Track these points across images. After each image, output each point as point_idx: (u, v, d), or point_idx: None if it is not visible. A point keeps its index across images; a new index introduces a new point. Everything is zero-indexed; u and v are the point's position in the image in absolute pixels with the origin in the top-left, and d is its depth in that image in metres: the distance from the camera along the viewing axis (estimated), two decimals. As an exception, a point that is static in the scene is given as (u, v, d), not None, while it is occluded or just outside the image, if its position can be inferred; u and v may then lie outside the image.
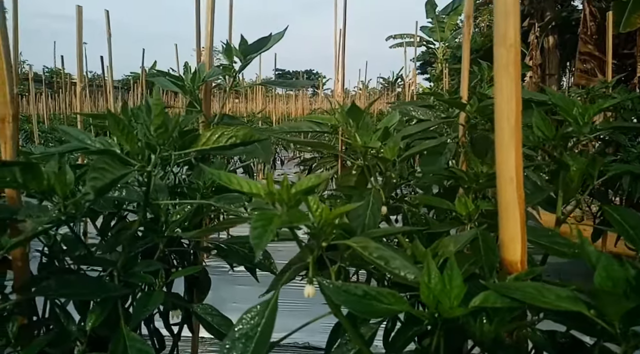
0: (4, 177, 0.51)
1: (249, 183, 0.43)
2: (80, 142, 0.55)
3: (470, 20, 0.93)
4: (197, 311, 0.65)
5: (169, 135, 0.53)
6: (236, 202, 0.60)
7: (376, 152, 0.60)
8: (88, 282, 0.55)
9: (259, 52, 0.94)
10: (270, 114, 6.24)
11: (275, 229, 0.37)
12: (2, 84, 0.54)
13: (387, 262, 0.41)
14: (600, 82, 2.07)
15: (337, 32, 2.50)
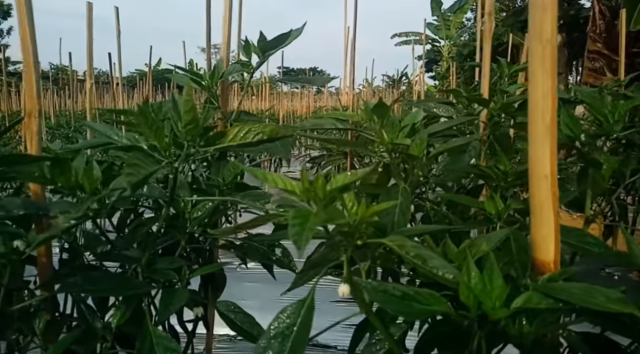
0: (32, 173, 0.50)
1: (283, 180, 0.42)
2: (107, 138, 0.55)
3: (491, 17, 0.92)
4: (220, 308, 0.65)
5: (198, 131, 0.52)
6: (261, 200, 0.60)
7: (403, 150, 0.59)
8: (114, 279, 0.54)
9: (277, 49, 0.93)
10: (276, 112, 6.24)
11: (314, 226, 0.36)
12: (30, 80, 0.54)
13: (425, 261, 0.41)
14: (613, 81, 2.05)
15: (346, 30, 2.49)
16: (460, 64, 7.04)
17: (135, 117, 0.50)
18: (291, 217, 0.38)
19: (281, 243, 0.85)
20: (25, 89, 0.55)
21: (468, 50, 8.77)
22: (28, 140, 0.57)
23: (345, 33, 2.55)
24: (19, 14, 0.53)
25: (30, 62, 0.53)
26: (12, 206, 0.52)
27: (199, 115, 0.51)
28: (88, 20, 2.34)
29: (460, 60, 8.46)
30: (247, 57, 0.95)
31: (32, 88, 0.55)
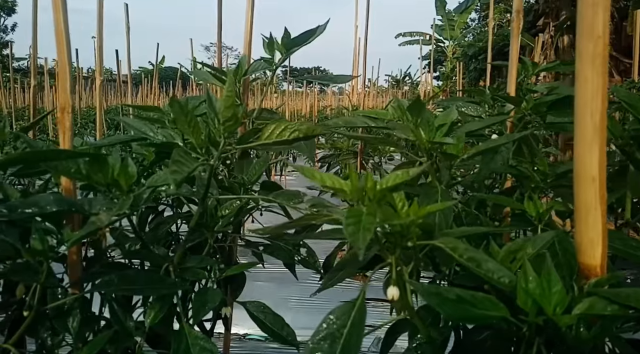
0: (68, 169, 0.49)
1: (331, 178, 0.41)
2: (142, 134, 0.53)
3: (520, 15, 0.91)
4: (250, 308, 0.64)
5: (236, 128, 0.51)
6: (294, 199, 0.59)
7: (441, 149, 0.58)
8: (150, 277, 0.53)
9: (300, 46, 0.92)
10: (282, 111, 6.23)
11: (371, 227, 0.35)
12: (64, 76, 0.53)
13: (479, 264, 0.39)
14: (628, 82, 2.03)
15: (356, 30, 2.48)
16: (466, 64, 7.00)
17: (174, 114, 0.49)
18: (346, 217, 0.37)
19: (306, 243, 0.84)
20: (58, 85, 0.54)
21: (473, 51, 8.74)
22: (61, 135, 0.56)
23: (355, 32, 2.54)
24: (54, 14, 0.52)
25: (65, 61, 0.52)
26: (45, 203, 0.51)
27: (239, 112, 0.50)
28: (98, 16, 2.33)
29: (466, 60, 8.43)
30: (269, 54, 0.94)
31: (65, 84, 0.54)
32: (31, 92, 2.90)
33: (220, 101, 0.50)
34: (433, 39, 5.81)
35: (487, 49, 8.22)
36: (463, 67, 5.73)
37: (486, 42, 9.33)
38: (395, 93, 14.00)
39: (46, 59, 5.24)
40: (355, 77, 1.02)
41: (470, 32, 14.26)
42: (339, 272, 0.65)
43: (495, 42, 8.65)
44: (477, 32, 13.73)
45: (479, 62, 8.54)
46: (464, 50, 9.86)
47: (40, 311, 0.49)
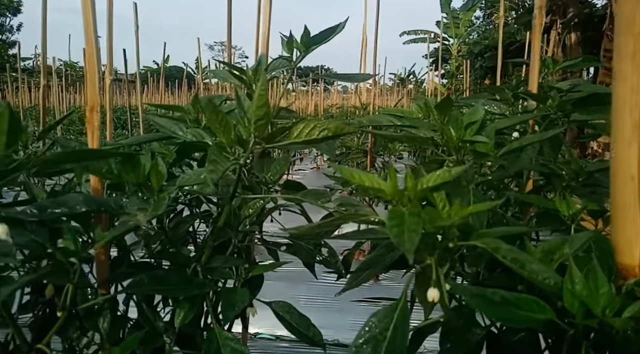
0: (100, 168, 0.49)
1: (370, 178, 0.41)
2: (172, 133, 0.53)
3: (542, 11, 0.90)
4: (276, 308, 0.64)
5: (267, 127, 0.50)
6: (322, 198, 0.58)
7: (471, 147, 0.57)
8: (180, 277, 0.53)
9: (320, 44, 0.91)
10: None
11: (418, 228, 0.34)
12: (93, 75, 0.52)
13: (523, 265, 0.39)
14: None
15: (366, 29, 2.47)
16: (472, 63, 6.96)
17: (207, 114, 0.49)
18: (389, 217, 0.36)
19: (327, 243, 0.83)
20: (87, 85, 0.54)
21: (479, 49, 8.69)
22: (89, 134, 0.56)
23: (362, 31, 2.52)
24: (84, 16, 0.52)
25: (94, 62, 0.52)
26: (75, 203, 0.51)
27: (271, 111, 0.49)
28: (108, 16, 2.33)
29: (472, 58, 8.38)
30: (288, 53, 0.93)
31: (94, 85, 0.54)
32: (41, 91, 2.91)
33: (252, 100, 0.49)
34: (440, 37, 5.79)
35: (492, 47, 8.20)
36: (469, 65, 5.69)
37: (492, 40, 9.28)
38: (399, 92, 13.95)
39: (54, 58, 5.26)
40: (374, 76, 1.02)
41: (475, 30, 14.18)
42: (363, 272, 0.64)
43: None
44: (481, 30, 13.65)
45: (485, 60, 8.50)
46: (469, 48, 9.80)
47: (72, 311, 0.49)
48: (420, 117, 0.65)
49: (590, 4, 7.61)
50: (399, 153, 2.34)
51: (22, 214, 0.50)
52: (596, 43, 6.62)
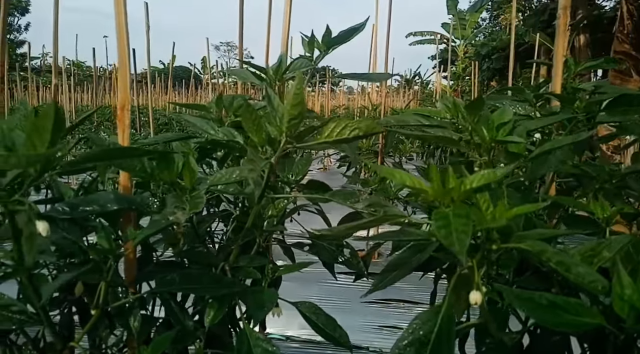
0: (133, 166, 0.49)
1: (411, 178, 0.40)
2: (204, 131, 0.53)
3: (567, 11, 0.89)
4: (302, 309, 0.63)
5: (300, 126, 0.50)
6: (351, 199, 0.58)
7: (503, 148, 0.57)
8: (210, 277, 0.53)
9: (341, 43, 0.91)
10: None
11: (467, 228, 0.34)
12: (125, 75, 0.52)
13: (569, 268, 0.38)
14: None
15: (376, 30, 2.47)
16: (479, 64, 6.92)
17: (242, 113, 0.49)
18: (434, 219, 0.36)
19: (349, 244, 0.83)
20: (118, 84, 0.54)
21: (486, 50, 8.65)
22: (120, 132, 0.55)
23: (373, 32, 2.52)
24: (117, 18, 0.52)
25: (125, 61, 0.52)
26: (105, 201, 0.51)
27: (305, 110, 0.49)
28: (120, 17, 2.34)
29: (479, 60, 8.35)
30: (309, 52, 0.93)
31: (125, 84, 0.54)
32: (52, 90, 2.93)
33: (286, 98, 0.49)
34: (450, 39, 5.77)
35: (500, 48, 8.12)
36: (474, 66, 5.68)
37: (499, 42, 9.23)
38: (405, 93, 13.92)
39: (63, 57, 5.29)
40: (392, 75, 1.02)
41: (481, 32, 14.13)
42: (389, 274, 0.64)
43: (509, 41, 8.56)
44: (488, 31, 13.61)
45: (492, 62, 8.46)
46: (476, 50, 9.77)
47: (104, 310, 0.49)
48: (448, 117, 0.64)
49: (599, 6, 7.56)
50: (409, 154, 2.33)
51: (53, 211, 0.50)
52: (605, 45, 6.56)
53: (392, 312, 2.22)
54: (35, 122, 0.35)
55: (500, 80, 9.00)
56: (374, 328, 2.09)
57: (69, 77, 6.50)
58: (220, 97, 0.74)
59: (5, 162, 0.32)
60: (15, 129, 0.40)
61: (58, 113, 0.35)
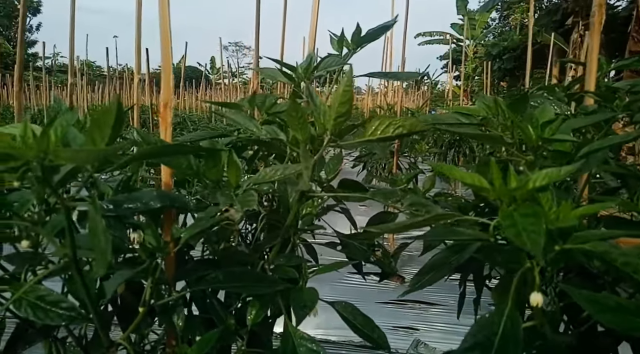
0: (180, 164, 0.48)
1: (472, 176, 0.39)
2: (247, 129, 0.52)
3: (602, 9, 0.87)
4: (339, 309, 0.62)
5: (346, 124, 0.49)
6: (392, 198, 0.57)
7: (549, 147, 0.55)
8: (254, 275, 0.52)
9: (370, 41, 0.91)
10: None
11: (542, 230, 0.33)
12: (168, 73, 0.52)
13: (636, 270, 0.37)
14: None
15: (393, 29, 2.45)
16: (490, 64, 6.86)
17: (288, 111, 0.48)
18: (501, 218, 0.35)
19: (381, 244, 0.82)
20: (162, 82, 0.54)
21: (497, 50, 8.58)
22: (162, 130, 0.55)
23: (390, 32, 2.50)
24: (161, 18, 0.52)
25: (169, 60, 0.52)
26: (149, 198, 0.51)
27: (352, 108, 0.48)
28: (137, 17, 2.36)
29: (489, 60, 8.29)
30: (337, 51, 0.92)
31: (168, 82, 0.54)
32: (68, 90, 2.96)
33: (334, 96, 0.48)
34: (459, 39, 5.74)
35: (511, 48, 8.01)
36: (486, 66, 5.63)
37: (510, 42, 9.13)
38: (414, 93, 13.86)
39: (78, 57, 5.34)
40: (421, 75, 1.01)
41: (491, 32, 14.03)
42: (426, 275, 0.63)
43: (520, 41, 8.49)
44: (497, 31, 13.50)
45: (503, 62, 8.38)
46: (487, 50, 9.69)
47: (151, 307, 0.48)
48: (488, 115, 0.63)
49: (612, 6, 7.45)
50: (425, 154, 2.31)
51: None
52: (620, 45, 6.48)
53: (408, 313, 2.20)
54: (98, 118, 0.35)
55: (511, 81, 8.92)
56: (389, 328, 2.07)
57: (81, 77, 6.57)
58: (253, 97, 0.73)
59: (74, 158, 0.31)
60: (70, 125, 0.40)
61: (120, 109, 0.34)
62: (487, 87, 5.57)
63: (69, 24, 2.54)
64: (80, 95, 6.14)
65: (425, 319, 2.09)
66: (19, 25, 2.15)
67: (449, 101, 6.02)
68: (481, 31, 13.79)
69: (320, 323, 2.05)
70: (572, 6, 6.82)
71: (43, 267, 0.50)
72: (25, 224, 0.42)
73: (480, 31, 13.77)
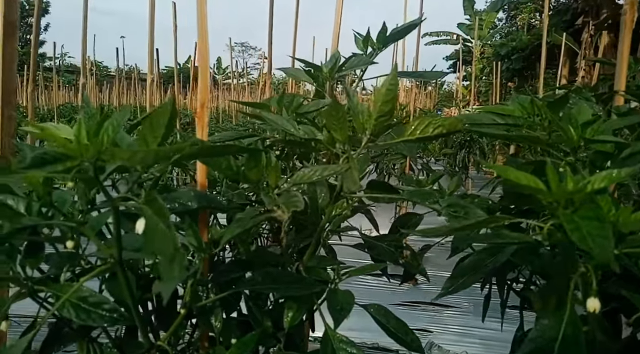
0: (220, 164, 0.48)
1: (527, 177, 0.38)
2: (284, 129, 0.52)
3: (634, 7, 0.86)
4: (373, 312, 0.62)
5: (388, 123, 0.49)
6: (430, 198, 0.56)
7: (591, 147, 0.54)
8: (291, 277, 0.52)
9: (395, 41, 0.90)
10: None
11: (608, 234, 0.32)
12: (205, 73, 0.52)
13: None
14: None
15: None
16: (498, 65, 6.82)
17: (327, 112, 0.48)
18: (565, 221, 0.34)
19: (409, 246, 0.81)
20: (199, 83, 0.54)
21: (506, 51, 8.51)
22: (199, 130, 0.55)
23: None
24: (199, 21, 0.51)
25: (206, 62, 0.52)
26: (187, 199, 0.50)
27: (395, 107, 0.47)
28: (150, 18, 2.37)
29: (497, 60, 8.23)
30: (362, 50, 0.92)
31: (205, 83, 0.53)
32: (80, 89, 2.98)
33: (377, 94, 0.47)
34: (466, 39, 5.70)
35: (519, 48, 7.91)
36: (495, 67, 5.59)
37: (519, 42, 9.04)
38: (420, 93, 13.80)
39: (89, 57, 5.37)
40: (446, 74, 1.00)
41: (498, 32, 13.94)
42: (460, 278, 0.62)
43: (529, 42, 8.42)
44: (504, 32, 13.40)
45: (512, 62, 8.32)
46: (495, 50, 9.63)
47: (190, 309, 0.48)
48: (524, 115, 0.62)
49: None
50: (438, 155, 2.30)
51: (137, 209, 0.49)
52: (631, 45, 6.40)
53: (421, 314, 2.19)
54: (152, 118, 0.34)
55: (520, 81, 8.85)
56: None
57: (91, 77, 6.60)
58: (282, 96, 0.73)
59: (132, 158, 0.31)
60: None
61: (174, 109, 0.34)
62: (497, 87, 5.53)
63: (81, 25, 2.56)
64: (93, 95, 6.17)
65: (439, 321, 2.07)
66: (34, 26, 2.16)
67: (459, 101, 5.99)
68: (488, 31, 13.71)
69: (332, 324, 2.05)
70: (581, 6, 6.75)
71: (81, 268, 0.49)
72: (72, 224, 0.41)
73: (487, 31, 13.68)
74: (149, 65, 2.38)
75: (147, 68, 3.41)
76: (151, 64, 2.37)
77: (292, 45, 2.57)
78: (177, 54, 2.86)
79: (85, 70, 2.92)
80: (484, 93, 10.95)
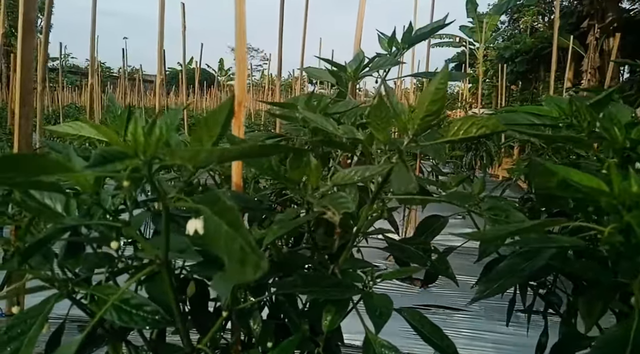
0: (261, 164, 0.47)
1: (590, 179, 0.37)
2: (324, 128, 0.51)
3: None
4: (407, 317, 0.60)
5: (435, 122, 0.48)
6: (469, 201, 0.55)
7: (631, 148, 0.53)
8: (330, 280, 0.51)
9: (420, 41, 0.89)
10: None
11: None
12: (243, 73, 0.51)
13: None
14: None
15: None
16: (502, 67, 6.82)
17: (372, 111, 0.47)
18: (636, 224, 0.33)
19: (437, 248, 0.80)
20: (237, 82, 0.53)
21: (510, 53, 8.51)
22: (235, 129, 0.54)
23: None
24: (237, 23, 0.51)
25: (244, 63, 0.51)
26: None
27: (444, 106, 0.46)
28: (160, 19, 2.37)
29: (502, 63, 8.23)
30: (386, 50, 0.91)
31: (243, 82, 0.53)
32: (89, 90, 2.98)
33: (424, 94, 0.46)
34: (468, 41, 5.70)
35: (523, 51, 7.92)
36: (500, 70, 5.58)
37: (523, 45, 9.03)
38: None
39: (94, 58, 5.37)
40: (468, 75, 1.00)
41: (500, 35, 13.94)
42: (496, 282, 0.61)
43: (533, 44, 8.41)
44: (507, 34, 13.40)
45: (516, 65, 8.31)
46: (499, 53, 9.63)
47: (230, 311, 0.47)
48: (562, 116, 0.61)
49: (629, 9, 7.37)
50: (448, 157, 2.28)
51: (174, 210, 0.48)
52: (636, 48, 6.39)
53: (432, 318, 2.15)
54: (208, 117, 0.33)
55: (524, 84, 8.84)
56: (412, 333, 2.05)
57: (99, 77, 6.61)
58: (310, 97, 0.72)
59: (192, 158, 0.30)
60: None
61: (232, 108, 0.33)
62: (502, 89, 5.52)
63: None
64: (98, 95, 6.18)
65: (450, 325, 2.05)
66: (44, 26, 2.16)
67: (465, 103, 5.98)
68: (491, 34, 13.71)
69: (343, 327, 2.03)
70: (587, 9, 6.74)
71: (118, 269, 0.48)
72: (117, 225, 0.40)
73: (490, 34, 13.68)
74: (158, 66, 2.38)
75: (149, 69, 3.38)
76: (160, 65, 2.37)
77: (301, 47, 2.57)
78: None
79: (93, 71, 2.93)
80: (487, 96, 10.94)
